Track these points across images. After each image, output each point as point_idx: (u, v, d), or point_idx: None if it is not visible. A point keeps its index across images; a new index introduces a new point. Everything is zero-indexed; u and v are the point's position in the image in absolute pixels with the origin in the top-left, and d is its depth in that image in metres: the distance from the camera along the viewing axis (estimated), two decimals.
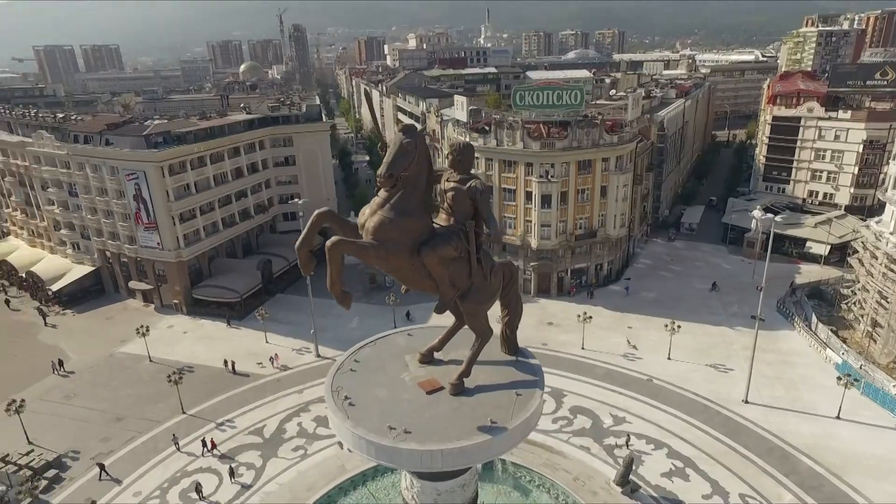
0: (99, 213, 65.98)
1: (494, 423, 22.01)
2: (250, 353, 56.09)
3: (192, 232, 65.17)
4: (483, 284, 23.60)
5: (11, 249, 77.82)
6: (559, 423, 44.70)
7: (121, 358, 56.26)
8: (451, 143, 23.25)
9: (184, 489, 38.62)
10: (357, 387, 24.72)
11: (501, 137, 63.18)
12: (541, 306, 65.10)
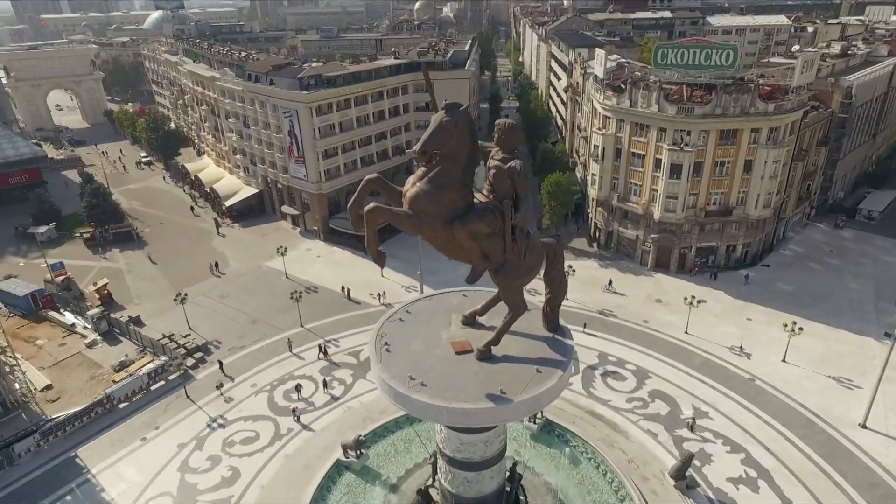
0: (263, 144, 76.20)
1: (503, 394, 23.43)
2: (367, 282, 62.38)
3: (334, 168, 72.47)
4: (517, 261, 24.34)
5: (203, 167, 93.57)
6: (634, 403, 43.85)
7: (265, 271, 66.45)
8: (497, 122, 23.68)
9: (287, 389, 46.11)
10: (399, 335, 27.57)
11: (636, 98, 59.00)
12: (655, 281, 61.91)
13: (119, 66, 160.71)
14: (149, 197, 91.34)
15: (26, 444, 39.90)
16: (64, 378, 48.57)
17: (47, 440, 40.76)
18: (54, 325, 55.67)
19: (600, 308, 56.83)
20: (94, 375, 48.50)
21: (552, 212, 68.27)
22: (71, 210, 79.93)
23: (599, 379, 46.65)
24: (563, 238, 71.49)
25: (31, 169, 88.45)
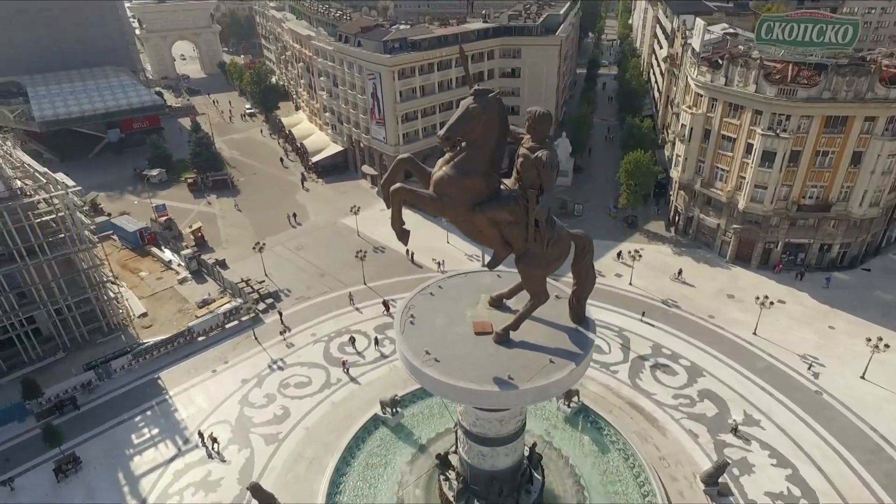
0: (349, 104, 78.84)
1: (510, 380, 23.98)
2: (431, 248, 63.89)
3: (413, 131, 73.75)
4: (539, 251, 24.32)
5: (297, 122, 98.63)
6: (680, 400, 42.41)
7: (340, 227, 69.99)
8: (529, 109, 23.30)
9: (342, 341, 49.26)
10: (426, 309, 28.72)
11: (732, 75, 54.15)
12: (731, 275, 58.09)
13: (235, 19, 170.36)
14: (248, 147, 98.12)
15: (121, 363, 46.28)
16: (157, 308, 55.14)
17: (138, 361, 46.96)
18: (155, 260, 62.81)
19: (665, 297, 54.55)
20: (181, 309, 54.58)
21: (628, 192, 65.40)
22: (180, 156, 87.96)
23: (648, 371, 45.39)
24: (638, 220, 68.67)
25: (151, 116, 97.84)
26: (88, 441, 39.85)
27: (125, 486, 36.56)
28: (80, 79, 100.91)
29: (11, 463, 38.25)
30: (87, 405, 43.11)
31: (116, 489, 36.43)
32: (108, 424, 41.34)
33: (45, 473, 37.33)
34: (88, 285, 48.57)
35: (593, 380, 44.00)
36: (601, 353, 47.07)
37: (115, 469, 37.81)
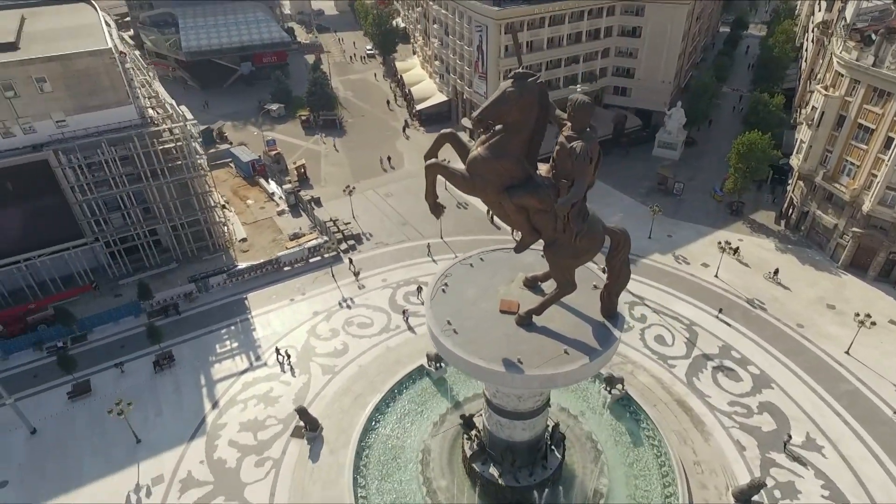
0: (456, 55, 78.35)
1: (519, 363, 24.54)
2: None
3: None
4: (567, 242, 24.11)
5: (410, 67, 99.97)
6: (736, 408, 40.08)
7: None
8: (571, 97, 22.39)
9: (409, 291, 51.83)
10: (461, 279, 29.67)
11: (884, 54, 46.27)
12: (839, 283, 51.96)
13: None
14: (362, 89, 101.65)
15: (218, 280, 52.68)
16: (256, 235, 61.20)
17: (231, 280, 53.13)
18: (261, 191, 69.03)
19: (752, 296, 50.42)
20: (275, 239, 60.13)
21: (737, 175, 59.66)
22: (300, 92, 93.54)
23: (709, 371, 43.05)
24: (744, 207, 62.80)
25: (279, 51, 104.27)
26: (182, 343, 46.58)
27: (204, 387, 42.66)
28: (223, 13, 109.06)
29: (125, 350, 45.97)
30: (187, 312, 50.00)
31: (197, 388, 42.66)
32: (199, 332, 47.86)
33: (146, 364, 44.56)
34: (199, 208, 55.04)
35: (645, 370, 42.78)
36: (662, 345, 45.34)
37: (199, 371, 44.09)
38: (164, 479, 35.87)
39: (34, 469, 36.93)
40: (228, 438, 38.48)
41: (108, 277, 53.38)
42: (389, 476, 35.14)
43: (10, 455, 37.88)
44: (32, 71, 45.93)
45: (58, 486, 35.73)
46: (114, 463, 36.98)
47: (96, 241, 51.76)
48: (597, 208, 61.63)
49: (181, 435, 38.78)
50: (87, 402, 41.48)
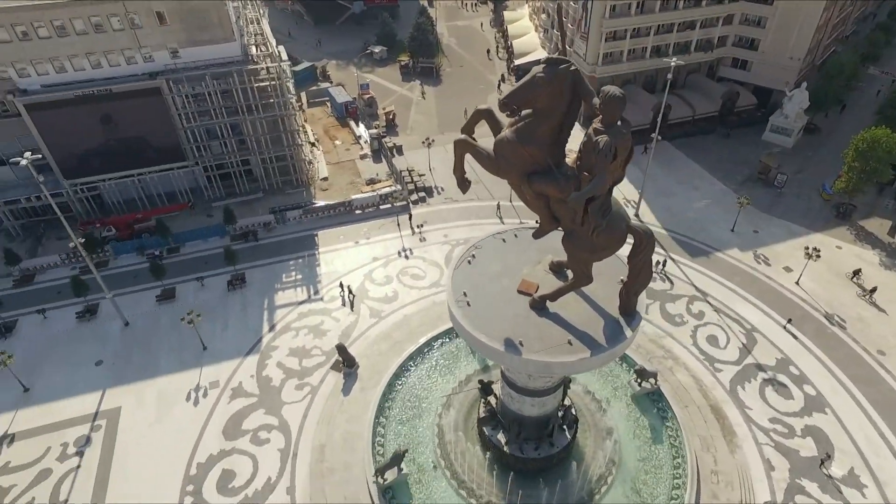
0: (562, 10, 74.55)
1: (520, 345, 25.10)
2: None
3: (616, 52, 67.78)
4: (585, 235, 23.96)
5: (518, 18, 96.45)
6: (777, 425, 37.92)
7: None
8: (603, 88, 21.46)
9: None
10: (489, 253, 30.31)
11: None
12: None
13: None
14: (466, 37, 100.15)
15: (294, 214, 56.86)
16: (336, 175, 64.57)
17: (307, 216, 57.10)
18: (350, 133, 71.94)
19: (832, 311, 46.07)
20: (352, 181, 63.15)
21: (851, 175, 53.12)
22: (405, 36, 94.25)
23: (758, 382, 40.68)
24: (855, 211, 56.14)
25: None
26: (255, 268, 51.46)
27: (266, 311, 47.30)
28: None
29: (207, 266, 51.70)
30: (263, 240, 54.81)
31: (260, 310, 47.37)
32: (271, 259, 52.48)
33: (222, 281, 49.98)
34: (287, 144, 58.90)
35: (687, 369, 41.28)
36: (714, 346, 43.26)
37: (265, 295, 48.77)
38: (219, 384, 41.09)
39: (123, 356, 43.71)
40: (277, 360, 42.87)
41: (203, 199, 59.46)
42: (408, 421, 37.68)
43: (108, 341, 44.99)
44: (154, 6, 50.53)
45: (138, 373, 42.17)
46: (183, 363, 42.78)
47: (196, 164, 57.51)
48: (682, 191, 60.10)
49: (239, 349, 43.76)
50: (170, 306, 47.71)
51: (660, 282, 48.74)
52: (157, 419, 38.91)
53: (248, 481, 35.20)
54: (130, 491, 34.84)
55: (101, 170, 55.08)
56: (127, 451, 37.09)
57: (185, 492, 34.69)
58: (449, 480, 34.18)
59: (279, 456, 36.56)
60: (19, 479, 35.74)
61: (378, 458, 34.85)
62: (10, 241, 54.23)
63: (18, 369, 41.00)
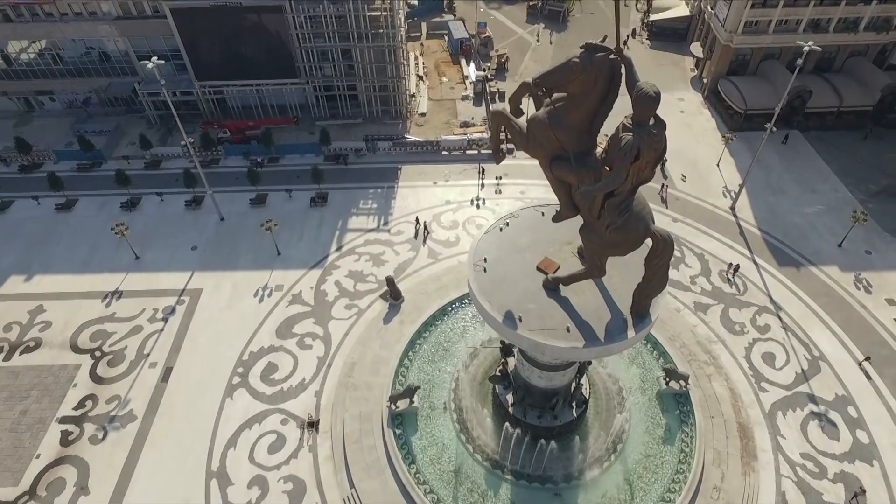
0: None
1: (519, 320, 25.90)
2: (689, 160, 57.49)
3: (763, 21, 59.95)
4: (599, 229, 23.64)
5: None
6: (808, 461, 35.44)
7: None
8: (638, 84, 20.28)
9: None
10: (523, 224, 30.74)
11: None
12: None
13: None
14: None
15: (385, 145, 59.38)
16: (435, 112, 65.61)
17: (396, 149, 59.40)
18: (458, 71, 71.84)
19: None
20: (448, 121, 63.93)
21: None
22: None
23: (804, 413, 37.79)
24: None
25: None
26: (337, 189, 55.27)
27: (337, 231, 51.20)
28: None
29: (298, 180, 56.35)
30: (352, 165, 58.26)
31: (333, 230, 51.36)
32: (353, 184, 55.97)
33: (307, 197, 54.48)
34: (391, 76, 60.63)
35: (727, 381, 39.16)
36: (768, 364, 40.49)
37: (340, 217, 52.60)
38: (282, 288, 46.12)
39: (213, 246, 50.15)
40: (336, 279, 46.91)
41: (309, 116, 63.76)
42: (433, 363, 40.21)
43: (205, 230, 51.69)
44: None
45: (222, 264, 48.35)
46: (258, 263, 48.28)
47: (307, 83, 61.37)
48: (796, 191, 55.74)
49: (307, 261, 48.32)
50: (260, 210, 53.25)
51: (727, 285, 45.63)
52: (227, 306, 44.99)
53: (286, 377, 40.20)
54: (195, 360, 41.38)
55: (226, 76, 60.85)
56: (199, 326, 43.64)
57: (235, 372, 40.54)
58: (454, 423, 36.65)
59: (316, 363, 41.07)
60: (119, 328, 43.75)
61: (397, 387, 38.02)
62: (148, 128, 62.60)
63: (133, 240, 48.84)
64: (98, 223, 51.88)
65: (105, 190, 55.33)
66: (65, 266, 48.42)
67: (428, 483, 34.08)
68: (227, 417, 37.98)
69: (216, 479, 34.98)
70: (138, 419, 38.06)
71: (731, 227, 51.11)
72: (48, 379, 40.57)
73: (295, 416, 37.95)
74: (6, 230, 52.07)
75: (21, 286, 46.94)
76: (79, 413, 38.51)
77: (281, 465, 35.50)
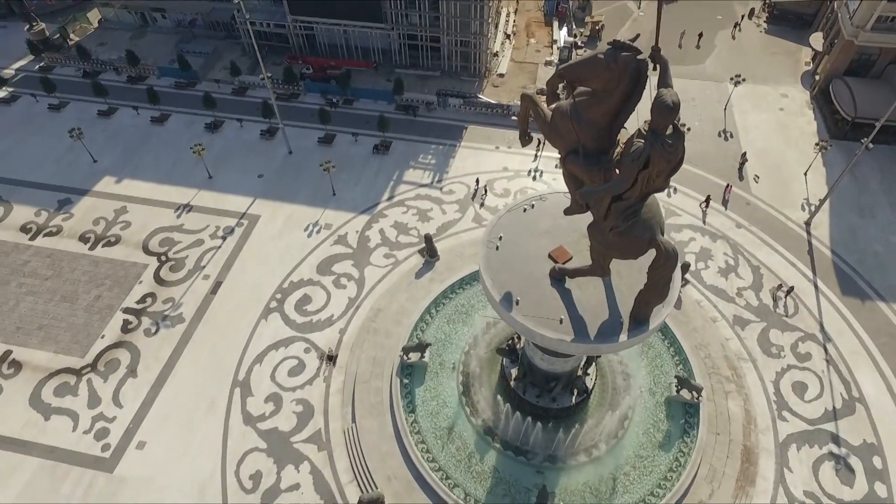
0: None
1: (515, 303, 26.45)
2: (771, 162, 53.26)
3: None
4: (604, 229, 23.31)
5: None
6: (810, 500, 34.02)
7: (713, 92, 61.79)
8: (659, 90, 19.38)
9: None
10: (548, 208, 30.84)
11: None
12: None
13: None
14: None
15: (456, 102, 59.41)
16: (513, 75, 64.27)
17: (465, 108, 59.28)
18: (549, 34, 69.28)
19: None
20: (525, 86, 62.47)
21: None
22: None
23: (820, 452, 35.88)
24: None
25: None
26: (401, 140, 56.50)
27: (393, 180, 52.74)
28: None
29: (366, 126, 58.02)
30: (420, 118, 59.02)
31: (389, 179, 52.96)
32: (417, 137, 56.89)
33: (371, 143, 56.18)
34: (474, 32, 59.78)
35: (746, 401, 37.69)
36: (796, 393, 38.45)
37: (398, 168, 53.97)
38: (330, 227, 48.78)
39: (278, 177, 53.44)
40: (381, 228, 48.85)
41: (389, 63, 64.60)
42: (452, 322, 41.64)
43: (273, 160, 55.04)
44: None
45: (282, 194, 51.59)
46: (314, 200, 51.06)
47: (392, 29, 61.90)
48: (889, 216, 53.05)
49: (358, 206, 50.51)
50: (326, 149, 55.71)
51: (776, 305, 42.99)
52: (279, 235, 48.40)
53: (317, 311, 43.26)
54: (241, 280, 45.33)
55: (318, 13, 62.54)
56: (251, 249, 47.44)
57: (273, 297, 44.11)
58: (458, 384, 38.27)
59: (346, 303, 43.75)
60: (184, 238, 48.49)
61: (413, 340, 39.97)
62: (241, 55, 66.19)
63: (209, 160, 53.09)
64: (184, 139, 56.60)
65: (195, 109, 59.91)
66: (150, 174, 53.73)
67: (421, 433, 36.26)
68: (259, 336, 41.81)
69: (240, 388, 39.10)
70: (185, 322, 42.81)
71: (800, 244, 47.45)
72: (120, 272, 46.21)
73: (317, 347, 41.10)
74: (110, 133, 58.15)
75: (112, 186, 52.81)
76: (139, 307, 43.85)
77: (296, 389, 38.98)
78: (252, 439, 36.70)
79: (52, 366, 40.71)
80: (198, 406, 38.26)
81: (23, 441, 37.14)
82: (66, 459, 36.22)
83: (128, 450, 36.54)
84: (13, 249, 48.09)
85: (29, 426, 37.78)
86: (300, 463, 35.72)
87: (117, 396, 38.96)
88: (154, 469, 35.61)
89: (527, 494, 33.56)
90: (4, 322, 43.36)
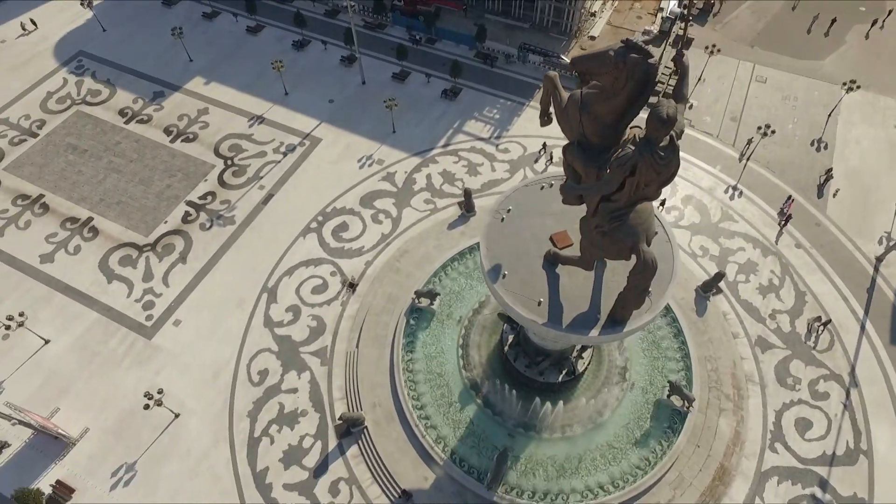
0: None
1: (502, 276, 27.39)
2: None
3: None
4: (589, 226, 23.45)
5: None
6: None
7: (802, 85, 55.77)
8: (660, 101, 18.80)
9: None
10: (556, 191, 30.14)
11: None
12: None
13: None
14: None
15: (536, 59, 57.84)
16: (605, 39, 60.84)
17: (544, 66, 57.56)
18: (656, 2, 64.35)
19: None
20: None
21: None
22: None
23: (801, 492, 34.79)
24: None
25: None
26: (470, 89, 56.33)
27: (451, 130, 53.11)
28: None
29: (442, 68, 57.83)
30: (496, 69, 58.16)
31: (449, 127, 53.30)
32: (488, 89, 56.41)
33: (441, 86, 56.37)
34: None
35: (739, 423, 36.84)
36: (797, 429, 36.97)
37: (462, 117, 54.09)
38: (382, 163, 50.63)
39: (347, 105, 55.40)
40: (429, 173, 50.04)
41: (481, 7, 63.21)
42: (470, 278, 42.89)
43: (346, 88, 56.95)
44: None
45: (345, 123, 53.63)
46: (374, 134, 52.81)
47: None
48: None
49: (413, 147, 51.76)
50: (398, 86, 56.75)
51: (808, 337, 40.56)
52: (335, 161, 50.97)
53: (352, 239, 45.99)
54: (291, 197, 48.66)
55: None
56: (307, 170, 50.48)
57: (315, 218, 47.20)
58: (460, 337, 40.07)
59: (379, 238, 46.05)
60: (251, 147, 52.27)
61: (428, 286, 41.89)
62: None
63: (288, 78, 55.87)
64: (271, 53, 59.56)
65: (286, 24, 62.39)
66: (235, 81, 57.49)
67: (413, 372, 38.81)
68: (294, 251, 45.37)
69: (267, 294, 43.16)
70: (235, 224, 47.08)
71: (862, 279, 43.72)
72: (191, 168, 50.98)
73: (343, 272, 44.10)
74: (209, 36, 62.22)
75: (200, 87, 57.20)
76: (200, 202, 48.57)
77: (315, 306, 42.47)
78: (267, 340, 40.91)
79: (121, 238, 46.66)
80: (229, 301, 42.84)
81: (88, 296, 43.58)
82: (117, 319, 42.29)
83: (166, 324, 41.99)
84: (110, 129, 54.11)
85: (95, 285, 44.12)
86: (303, 371, 39.58)
87: (167, 277, 44.32)
88: (183, 346, 40.84)
89: (493, 452, 35.49)
90: (93, 192, 49.72)
